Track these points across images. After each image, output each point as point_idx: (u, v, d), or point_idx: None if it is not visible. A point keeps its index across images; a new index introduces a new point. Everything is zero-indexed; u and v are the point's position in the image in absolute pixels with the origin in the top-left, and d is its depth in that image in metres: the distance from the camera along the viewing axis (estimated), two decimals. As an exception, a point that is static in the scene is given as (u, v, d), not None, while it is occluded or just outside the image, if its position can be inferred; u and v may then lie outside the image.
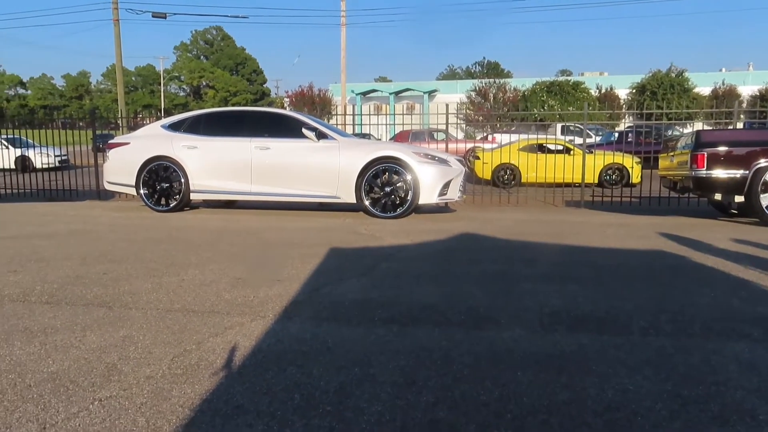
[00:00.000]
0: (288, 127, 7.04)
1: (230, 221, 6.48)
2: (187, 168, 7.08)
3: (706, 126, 20.12)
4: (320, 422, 1.71)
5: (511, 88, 34.46)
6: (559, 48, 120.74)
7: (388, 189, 6.65)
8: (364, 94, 38.44)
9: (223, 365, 2.14)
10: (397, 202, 6.65)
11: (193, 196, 7.22)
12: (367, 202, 6.70)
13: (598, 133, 20.05)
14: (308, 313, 2.81)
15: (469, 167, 10.64)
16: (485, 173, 12.20)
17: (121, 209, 7.73)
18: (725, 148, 6.23)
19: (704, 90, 31.82)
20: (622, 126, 20.53)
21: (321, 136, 6.89)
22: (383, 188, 6.66)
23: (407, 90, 38.24)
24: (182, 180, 7.10)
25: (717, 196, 6.46)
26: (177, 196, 7.17)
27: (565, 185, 10.11)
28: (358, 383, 1.98)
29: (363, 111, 29.43)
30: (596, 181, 11.94)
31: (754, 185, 6.10)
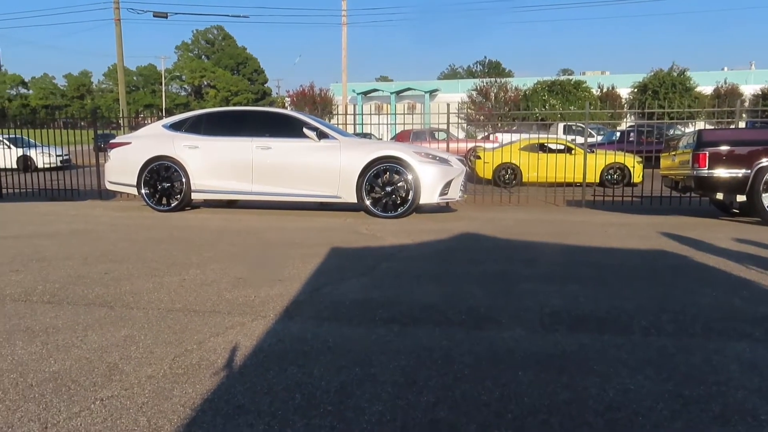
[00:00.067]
0: (289, 127, 7.05)
1: (231, 221, 6.48)
2: (188, 168, 7.09)
3: (707, 125, 20.11)
4: (321, 422, 1.71)
5: (513, 88, 34.44)
6: (561, 47, 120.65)
7: (389, 189, 6.65)
8: (365, 93, 38.44)
9: (224, 365, 2.14)
10: (398, 202, 6.65)
11: (194, 196, 7.23)
12: (368, 202, 6.70)
13: (600, 132, 20.03)
14: (309, 312, 2.81)
15: (470, 167, 10.64)
16: (486, 173, 12.20)
17: (122, 209, 7.74)
18: (727, 148, 6.22)
19: (706, 89, 31.77)
20: (624, 125, 20.50)
21: (322, 135, 6.89)
22: (384, 188, 6.66)
23: (408, 89, 38.24)
24: (183, 180, 7.11)
25: (719, 196, 6.45)
26: (178, 196, 7.18)
27: (566, 185, 10.10)
28: (359, 383, 1.98)
29: (364, 110, 29.43)
30: (597, 181, 11.94)
31: (756, 184, 6.09)
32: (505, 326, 2.61)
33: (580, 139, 14.21)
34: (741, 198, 6.22)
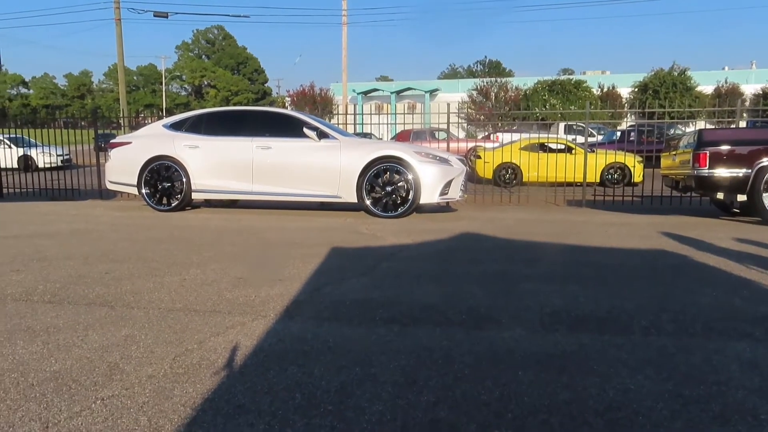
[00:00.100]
0: (289, 127, 7.05)
1: (231, 221, 6.49)
2: (189, 167, 7.09)
3: (708, 125, 20.10)
4: (321, 421, 1.71)
5: (513, 87, 34.44)
6: (561, 47, 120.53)
7: (389, 188, 6.65)
8: (366, 93, 38.43)
9: (225, 365, 2.15)
10: (399, 202, 6.66)
11: (194, 196, 7.23)
12: (368, 202, 6.70)
13: (600, 132, 20.03)
14: (309, 312, 2.82)
15: (470, 166, 10.63)
16: (486, 172, 12.19)
17: (122, 209, 7.75)
18: (728, 147, 6.22)
19: (707, 88, 31.75)
20: (624, 125, 20.50)
21: (322, 135, 6.90)
22: (384, 188, 6.66)
23: (408, 89, 38.23)
24: (184, 179, 7.11)
25: (719, 195, 6.45)
26: (178, 196, 7.18)
27: (566, 184, 10.10)
28: (359, 383, 1.99)
29: (364, 110, 29.42)
30: (598, 181, 11.94)
31: (757, 184, 6.09)
32: (505, 326, 2.62)
33: (581, 139, 14.22)
34: (741, 197, 6.22)
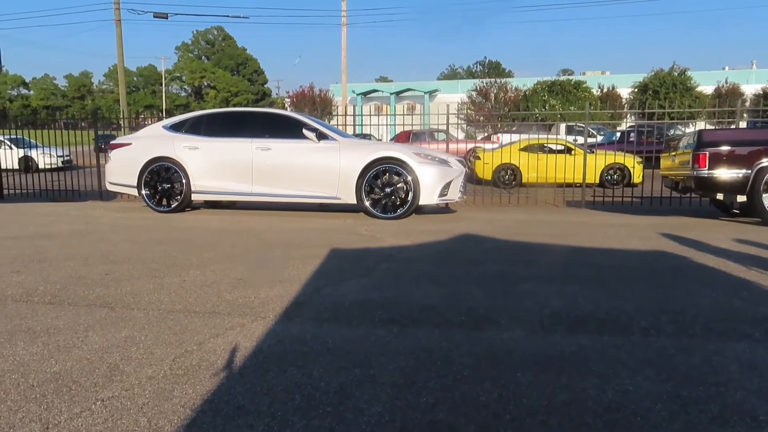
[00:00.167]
0: (288, 128, 7.06)
1: (231, 222, 6.49)
2: (189, 169, 7.10)
3: (708, 125, 20.09)
4: (320, 423, 1.71)
5: (513, 88, 34.45)
6: (561, 47, 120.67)
7: (388, 190, 6.66)
8: (365, 94, 38.46)
9: (224, 366, 2.15)
10: (398, 203, 6.66)
11: (194, 197, 7.24)
12: (367, 203, 6.71)
13: (600, 132, 20.03)
14: (309, 314, 2.82)
15: (469, 168, 10.64)
16: (486, 173, 12.20)
17: (122, 210, 7.75)
18: (727, 148, 6.22)
19: (707, 89, 31.75)
20: (624, 125, 20.50)
21: (321, 136, 6.90)
22: (384, 189, 6.67)
23: (408, 90, 38.26)
24: (183, 181, 7.12)
25: (719, 196, 6.45)
26: (178, 197, 7.19)
27: (566, 185, 10.10)
28: (358, 384, 1.99)
29: (364, 111, 29.44)
30: (597, 181, 11.94)
31: (757, 185, 6.10)
32: (504, 327, 2.62)
33: (581, 140, 14.22)
34: (741, 198, 6.22)
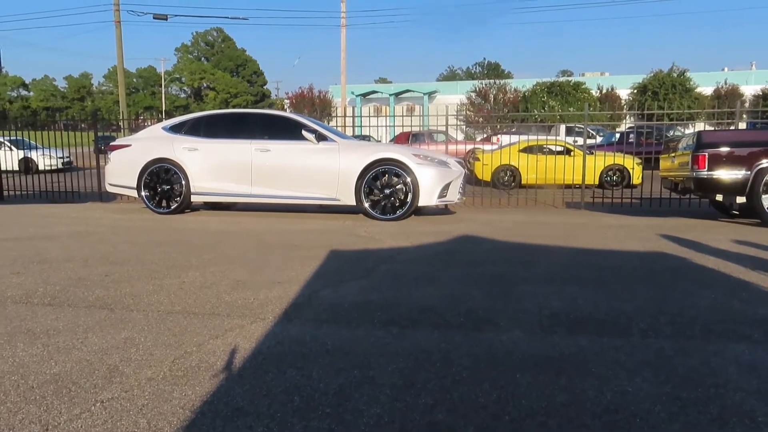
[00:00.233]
0: (288, 129, 7.06)
1: (230, 223, 6.49)
2: (188, 170, 7.10)
3: (707, 126, 20.12)
4: (319, 424, 1.72)
5: (512, 89, 34.46)
6: (560, 48, 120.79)
7: (387, 191, 6.66)
8: (364, 95, 38.45)
9: (224, 367, 2.15)
10: (397, 204, 6.66)
11: (193, 198, 7.24)
12: (366, 204, 6.71)
13: (599, 133, 20.05)
14: (308, 315, 2.82)
15: (468, 169, 10.65)
16: (485, 175, 12.21)
17: (122, 211, 7.75)
18: (727, 149, 6.23)
19: (706, 90, 31.74)
20: (623, 127, 20.52)
21: (321, 138, 6.91)
22: (383, 190, 6.67)
23: (407, 91, 38.25)
24: (183, 182, 7.12)
25: (718, 197, 6.46)
26: (178, 198, 7.19)
27: (565, 186, 10.11)
28: (357, 385, 1.99)
29: (363, 112, 29.45)
30: (597, 183, 11.95)
31: (756, 186, 6.10)
32: (503, 328, 2.62)
33: (581, 141, 14.23)
34: (741, 199, 6.23)
